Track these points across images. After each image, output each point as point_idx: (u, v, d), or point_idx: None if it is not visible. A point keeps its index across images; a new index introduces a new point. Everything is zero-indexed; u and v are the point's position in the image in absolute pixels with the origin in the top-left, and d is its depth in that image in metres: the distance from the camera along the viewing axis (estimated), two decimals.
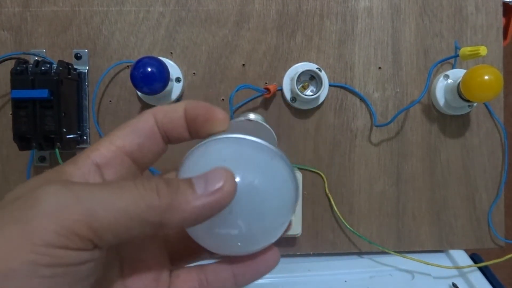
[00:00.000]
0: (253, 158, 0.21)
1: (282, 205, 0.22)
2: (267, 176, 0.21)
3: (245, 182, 0.20)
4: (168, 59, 0.53)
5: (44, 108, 0.46)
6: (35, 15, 0.53)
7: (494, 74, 0.47)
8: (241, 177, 0.20)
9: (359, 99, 0.55)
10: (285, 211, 0.22)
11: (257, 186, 0.20)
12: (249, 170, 0.21)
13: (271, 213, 0.21)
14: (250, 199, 0.20)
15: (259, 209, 0.21)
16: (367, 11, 0.55)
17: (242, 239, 0.21)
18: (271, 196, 0.21)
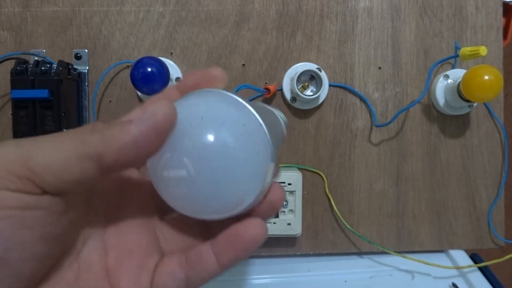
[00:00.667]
0: (232, 118, 0.20)
1: (251, 169, 0.20)
2: (238, 137, 0.20)
3: (217, 138, 0.20)
4: (168, 59, 0.53)
5: (44, 108, 0.46)
6: (35, 15, 0.53)
7: (494, 74, 0.47)
8: (211, 133, 0.20)
9: (359, 99, 0.55)
10: (253, 174, 0.20)
11: (213, 141, 0.20)
12: (222, 127, 0.20)
13: (237, 172, 0.20)
14: (216, 155, 0.19)
15: (224, 164, 0.20)
16: (367, 11, 0.55)
17: (201, 200, 0.20)
18: (239, 158, 0.20)
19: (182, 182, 0.20)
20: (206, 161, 0.20)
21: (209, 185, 0.20)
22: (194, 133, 0.20)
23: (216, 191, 0.20)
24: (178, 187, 0.20)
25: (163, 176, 0.20)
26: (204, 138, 0.20)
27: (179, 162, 0.20)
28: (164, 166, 0.20)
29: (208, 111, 0.20)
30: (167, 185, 0.21)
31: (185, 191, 0.20)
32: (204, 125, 0.20)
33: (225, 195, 0.20)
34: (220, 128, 0.20)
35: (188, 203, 0.21)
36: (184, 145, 0.20)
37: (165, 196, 0.22)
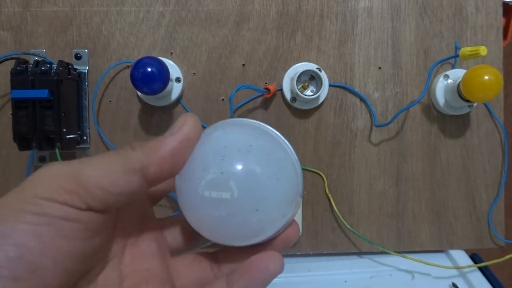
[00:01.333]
0: (275, 151, 0.22)
1: (282, 196, 0.22)
2: (271, 166, 0.22)
3: (248, 168, 0.21)
4: (168, 59, 0.53)
5: (44, 108, 0.46)
6: (35, 15, 0.53)
7: (494, 74, 0.47)
8: (244, 163, 0.21)
9: (359, 99, 0.55)
10: (285, 203, 0.22)
11: (258, 173, 0.21)
12: (256, 158, 0.22)
13: (269, 202, 0.21)
14: (249, 184, 0.21)
15: (258, 195, 0.21)
16: (367, 11, 0.55)
17: (236, 223, 0.21)
18: (272, 185, 0.21)
19: (222, 203, 0.21)
20: (249, 187, 0.21)
21: (245, 208, 0.21)
22: (241, 158, 0.21)
23: (249, 216, 0.21)
24: (215, 208, 0.21)
25: (203, 196, 0.21)
26: (251, 165, 0.21)
27: (225, 184, 0.21)
28: (207, 187, 0.21)
29: (256, 141, 0.22)
30: (202, 206, 0.22)
31: (220, 213, 0.21)
32: (252, 152, 0.22)
33: (256, 222, 0.22)
34: (267, 158, 0.22)
35: (216, 227, 0.22)
36: (230, 169, 0.21)
37: (193, 217, 0.23)
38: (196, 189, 0.21)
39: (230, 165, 0.21)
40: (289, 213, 0.22)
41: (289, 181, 0.22)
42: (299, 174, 0.23)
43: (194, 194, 0.22)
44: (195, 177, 0.22)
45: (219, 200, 0.21)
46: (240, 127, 0.23)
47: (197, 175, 0.22)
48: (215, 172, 0.21)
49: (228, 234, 0.22)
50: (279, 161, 0.22)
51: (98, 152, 0.54)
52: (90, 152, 0.54)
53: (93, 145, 0.54)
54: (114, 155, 0.20)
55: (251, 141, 0.22)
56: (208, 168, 0.21)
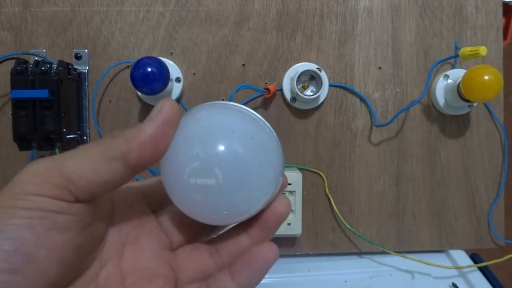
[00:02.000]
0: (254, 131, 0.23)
1: (265, 178, 0.22)
2: (254, 149, 0.22)
3: (232, 153, 0.22)
4: (168, 59, 0.53)
5: (44, 108, 0.46)
6: (35, 15, 0.53)
7: (494, 74, 0.47)
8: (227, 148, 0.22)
9: (359, 99, 0.55)
10: (268, 184, 0.23)
11: (242, 158, 0.22)
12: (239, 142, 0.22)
13: (253, 185, 0.22)
14: (233, 170, 0.22)
15: (242, 180, 0.22)
16: (367, 11, 0.55)
17: (222, 206, 0.22)
18: (255, 169, 0.22)
19: (208, 190, 0.22)
20: (233, 173, 0.22)
21: (230, 193, 0.22)
22: (225, 143, 0.22)
23: (235, 198, 0.22)
24: (201, 194, 0.22)
25: (189, 183, 0.22)
26: (235, 150, 0.22)
27: (210, 171, 0.22)
28: (193, 174, 0.22)
29: (239, 125, 0.23)
30: (189, 192, 0.22)
31: (207, 199, 0.22)
32: (235, 136, 0.22)
33: (241, 203, 0.22)
34: (249, 142, 0.22)
35: (205, 210, 0.23)
36: (214, 154, 0.22)
37: (180, 201, 0.23)
38: (182, 176, 0.22)
39: (214, 151, 0.22)
40: (272, 191, 0.23)
41: (271, 163, 0.23)
42: (281, 155, 0.23)
43: (179, 180, 0.22)
44: (180, 163, 0.22)
45: (204, 187, 0.22)
46: (221, 109, 0.24)
47: (181, 161, 0.22)
48: (199, 159, 0.22)
49: (216, 216, 0.23)
50: (261, 145, 0.22)
51: None
52: None
53: None
54: (95, 145, 0.21)
55: (233, 124, 0.23)
56: (191, 154, 0.22)
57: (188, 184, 0.22)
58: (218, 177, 0.21)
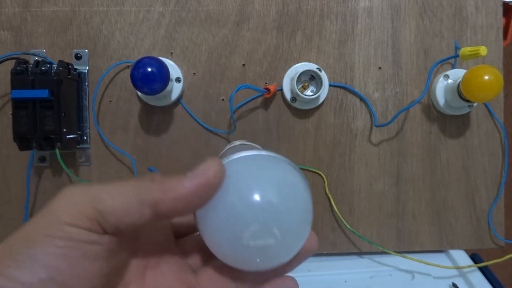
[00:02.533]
0: (271, 175, 0.23)
1: (308, 226, 0.23)
2: (285, 191, 0.22)
3: (285, 210, 0.22)
4: (168, 59, 0.53)
5: (44, 108, 0.46)
6: (35, 15, 0.53)
7: (494, 74, 0.47)
8: (260, 194, 0.22)
9: (359, 99, 0.55)
10: (308, 229, 0.23)
11: (293, 213, 0.22)
12: (268, 187, 0.22)
13: (302, 236, 0.23)
14: (288, 226, 0.22)
15: (295, 234, 0.22)
16: (367, 11, 0.55)
17: (275, 254, 0.22)
18: (301, 221, 0.23)
19: (267, 249, 0.22)
20: (288, 227, 0.22)
21: (285, 247, 0.22)
22: (278, 200, 0.22)
23: (286, 251, 0.23)
24: (258, 254, 0.22)
25: (247, 245, 0.22)
26: (287, 206, 0.22)
27: (270, 232, 0.22)
28: (252, 237, 0.21)
29: (286, 177, 0.23)
30: (244, 252, 0.22)
31: (264, 256, 0.22)
32: (285, 192, 0.22)
33: (290, 252, 0.23)
34: (296, 195, 0.23)
35: (255, 264, 0.23)
36: (271, 214, 0.22)
37: (230, 258, 0.23)
38: (237, 239, 0.22)
39: (272, 209, 0.22)
40: (309, 232, 0.24)
41: (310, 211, 0.23)
42: (310, 197, 0.24)
43: (232, 241, 0.22)
44: (232, 223, 0.22)
45: (263, 247, 0.22)
46: (265, 162, 0.24)
47: (235, 222, 0.22)
48: (258, 221, 0.21)
49: (263, 267, 0.23)
50: (303, 195, 0.23)
51: (97, 153, 0.54)
52: (90, 152, 0.54)
53: (93, 145, 0.54)
54: (132, 185, 0.21)
55: (281, 178, 0.23)
56: (248, 216, 0.22)
57: (245, 245, 0.22)
58: (277, 236, 0.21)
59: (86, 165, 0.54)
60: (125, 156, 0.53)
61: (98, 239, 0.21)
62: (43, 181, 0.54)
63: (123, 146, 0.53)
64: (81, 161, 0.53)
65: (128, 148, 0.53)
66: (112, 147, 0.53)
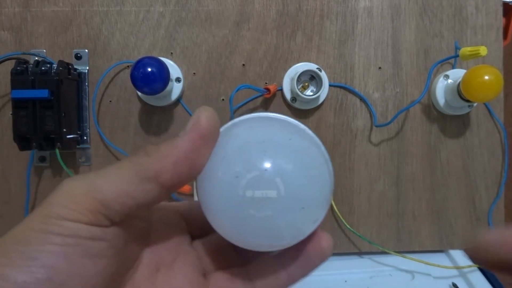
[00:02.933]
0: (290, 143, 0.21)
1: (321, 194, 0.21)
2: (310, 160, 0.20)
3: (292, 162, 0.20)
4: (168, 59, 0.53)
5: (44, 108, 0.46)
6: (35, 15, 0.53)
7: (494, 74, 0.47)
8: (287, 157, 0.20)
9: (359, 99, 0.55)
10: (324, 201, 0.21)
11: (302, 168, 0.20)
12: (297, 152, 0.20)
13: (312, 199, 0.20)
14: (295, 181, 0.20)
15: (303, 192, 0.20)
16: (367, 11, 0.55)
17: (280, 224, 0.20)
18: (314, 181, 0.20)
19: (266, 204, 0.19)
20: (295, 183, 0.19)
21: (289, 209, 0.20)
22: (284, 152, 0.20)
23: (291, 217, 0.20)
24: (257, 209, 0.20)
25: (244, 196, 0.19)
26: (294, 159, 0.20)
27: (272, 181, 0.19)
28: (250, 186, 0.19)
29: (294, 135, 0.21)
30: (241, 208, 0.20)
31: (262, 215, 0.20)
32: (292, 146, 0.20)
33: (300, 221, 0.20)
34: (306, 152, 0.21)
35: (254, 231, 0.20)
36: (275, 164, 0.19)
37: (226, 222, 0.21)
38: (234, 190, 0.19)
39: (274, 159, 0.19)
40: (322, 217, 0.21)
41: (325, 178, 0.21)
42: (332, 171, 0.22)
43: (229, 195, 0.20)
44: (232, 176, 0.20)
45: (262, 200, 0.19)
46: (269, 121, 0.22)
47: (235, 173, 0.20)
48: (257, 168, 0.19)
49: (265, 240, 0.21)
50: (315, 157, 0.21)
51: (97, 153, 0.54)
52: (90, 152, 0.54)
53: (93, 145, 0.54)
54: (128, 164, 0.20)
55: (288, 135, 0.21)
56: (249, 164, 0.19)
57: (242, 198, 0.19)
58: (280, 188, 0.19)
59: (86, 165, 0.54)
60: (125, 156, 0.53)
61: (102, 234, 0.19)
62: (43, 181, 0.54)
63: (123, 146, 0.53)
64: (81, 161, 0.53)
65: (128, 148, 0.53)
66: (112, 147, 0.53)
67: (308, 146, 0.21)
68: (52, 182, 0.54)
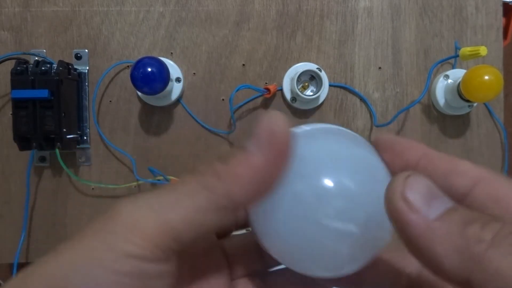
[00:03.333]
0: (355, 157, 0.19)
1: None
2: (365, 176, 0.18)
3: (375, 193, 0.17)
4: (168, 59, 0.53)
5: (44, 108, 0.46)
6: (35, 15, 0.53)
7: (494, 74, 0.47)
8: (370, 186, 0.17)
9: (359, 99, 0.55)
10: (389, 230, 0.18)
11: (381, 194, 0.17)
12: (348, 170, 0.18)
13: (388, 231, 0.18)
14: (377, 208, 0.17)
15: (384, 226, 0.17)
16: (367, 11, 0.55)
17: (353, 250, 0.18)
18: (372, 201, 0.17)
19: (345, 238, 0.17)
20: (376, 215, 0.17)
21: (368, 243, 0.18)
22: (367, 179, 0.18)
23: (368, 249, 0.18)
24: (335, 242, 0.17)
25: (321, 225, 0.17)
26: (377, 189, 0.17)
27: (356, 214, 0.17)
28: (331, 215, 0.17)
29: (372, 157, 0.19)
30: (315, 237, 0.17)
31: (339, 248, 0.17)
32: (374, 173, 0.18)
33: (369, 254, 0.18)
34: (379, 178, 0.18)
35: (326, 262, 0.18)
36: (358, 193, 0.17)
37: (293, 251, 0.18)
38: (310, 217, 0.17)
39: (361, 187, 0.17)
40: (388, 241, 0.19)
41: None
42: None
43: (302, 222, 0.17)
44: (307, 200, 0.17)
45: (343, 234, 0.17)
46: (342, 137, 0.20)
47: (311, 197, 0.17)
48: (341, 197, 0.17)
49: (332, 267, 0.18)
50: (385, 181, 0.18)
51: (97, 153, 0.54)
52: (90, 152, 0.54)
53: (93, 145, 0.54)
54: (198, 188, 0.17)
55: (369, 157, 0.19)
56: (329, 189, 0.17)
57: (318, 228, 0.17)
58: (361, 223, 0.17)
59: (86, 165, 0.54)
60: (125, 156, 0.53)
61: (168, 268, 0.17)
62: (43, 181, 0.54)
63: (123, 146, 0.53)
64: (81, 161, 0.53)
65: (128, 148, 0.53)
66: (112, 147, 0.53)
67: (387, 177, 0.19)
68: (52, 182, 0.54)
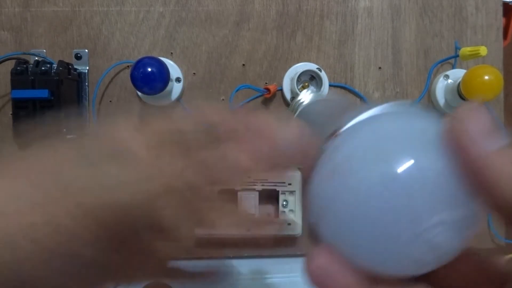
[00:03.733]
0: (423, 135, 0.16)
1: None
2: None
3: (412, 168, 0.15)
4: (168, 59, 0.53)
5: (44, 108, 0.46)
6: (35, 15, 0.53)
7: (494, 74, 0.47)
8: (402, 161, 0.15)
9: (359, 99, 0.55)
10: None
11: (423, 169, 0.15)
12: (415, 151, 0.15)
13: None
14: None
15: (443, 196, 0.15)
16: (367, 11, 0.55)
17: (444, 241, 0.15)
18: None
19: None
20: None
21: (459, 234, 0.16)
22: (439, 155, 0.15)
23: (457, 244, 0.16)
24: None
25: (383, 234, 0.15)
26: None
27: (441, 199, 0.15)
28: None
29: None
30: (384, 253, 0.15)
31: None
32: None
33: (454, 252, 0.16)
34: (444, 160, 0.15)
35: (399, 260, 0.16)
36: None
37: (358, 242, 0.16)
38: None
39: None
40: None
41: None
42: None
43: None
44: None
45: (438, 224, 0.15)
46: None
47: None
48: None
49: (415, 266, 0.16)
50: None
51: None
52: None
53: None
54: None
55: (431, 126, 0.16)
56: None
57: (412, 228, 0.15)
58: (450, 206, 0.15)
59: None
60: None
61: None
62: None
63: None
64: None
65: None
66: None
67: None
68: None
